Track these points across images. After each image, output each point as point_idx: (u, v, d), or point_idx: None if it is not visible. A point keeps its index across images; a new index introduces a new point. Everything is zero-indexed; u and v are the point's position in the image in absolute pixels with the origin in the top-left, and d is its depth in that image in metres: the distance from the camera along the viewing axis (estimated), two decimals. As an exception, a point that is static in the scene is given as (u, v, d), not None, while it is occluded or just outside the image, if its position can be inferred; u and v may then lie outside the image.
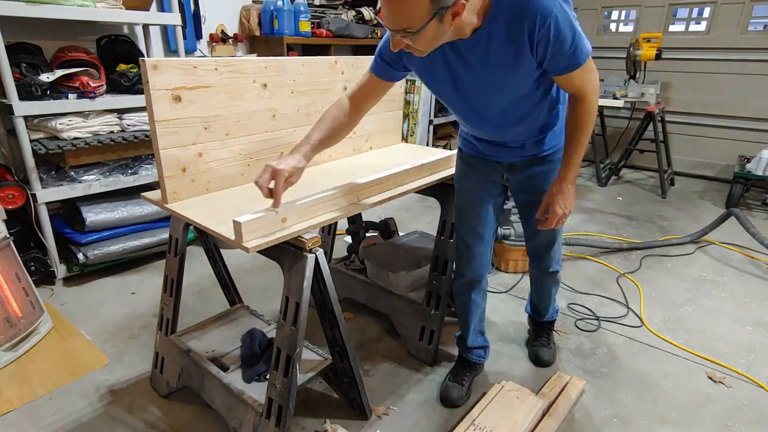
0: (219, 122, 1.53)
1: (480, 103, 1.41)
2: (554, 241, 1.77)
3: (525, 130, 1.50)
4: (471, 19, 1.18)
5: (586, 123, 1.36)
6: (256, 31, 3.72)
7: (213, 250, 1.98)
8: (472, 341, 1.91)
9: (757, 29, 4.55)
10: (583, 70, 1.25)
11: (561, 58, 1.22)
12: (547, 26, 1.15)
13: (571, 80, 1.28)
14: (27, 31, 2.55)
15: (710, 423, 1.76)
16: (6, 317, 2.00)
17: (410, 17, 1.09)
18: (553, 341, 2.12)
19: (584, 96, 1.32)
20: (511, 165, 1.60)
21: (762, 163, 3.91)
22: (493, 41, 1.22)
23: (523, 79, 1.31)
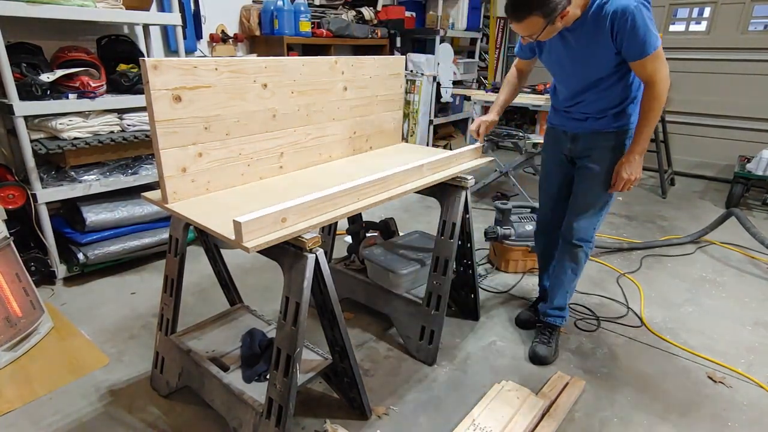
0: (219, 122, 1.53)
1: (570, 72, 1.80)
2: (586, 211, 1.93)
3: (592, 104, 1.81)
4: (575, 13, 1.59)
5: (655, 106, 1.65)
6: (257, 31, 3.72)
7: (213, 250, 1.98)
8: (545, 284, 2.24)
9: (757, 29, 4.55)
10: (653, 59, 1.57)
11: (633, 46, 1.56)
12: (626, 19, 1.51)
13: (643, 67, 1.60)
14: (27, 31, 2.55)
15: (710, 423, 1.76)
16: (6, 317, 2.00)
17: (531, 30, 1.57)
18: (554, 341, 2.11)
19: (654, 83, 1.62)
20: (575, 136, 1.90)
21: (762, 163, 3.91)
22: (586, 28, 1.62)
23: (604, 61, 1.67)
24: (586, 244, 1.98)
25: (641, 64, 1.59)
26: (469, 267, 2.24)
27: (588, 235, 1.97)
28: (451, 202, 1.94)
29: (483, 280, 2.75)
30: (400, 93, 2.26)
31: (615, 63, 1.67)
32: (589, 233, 1.97)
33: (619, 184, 1.79)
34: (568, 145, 1.94)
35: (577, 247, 1.98)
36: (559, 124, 1.96)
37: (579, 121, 1.87)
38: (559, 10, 1.50)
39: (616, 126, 1.81)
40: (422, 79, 4.56)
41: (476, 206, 3.93)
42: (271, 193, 1.59)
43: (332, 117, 1.94)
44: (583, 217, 1.94)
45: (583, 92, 1.80)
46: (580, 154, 1.91)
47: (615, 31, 1.56)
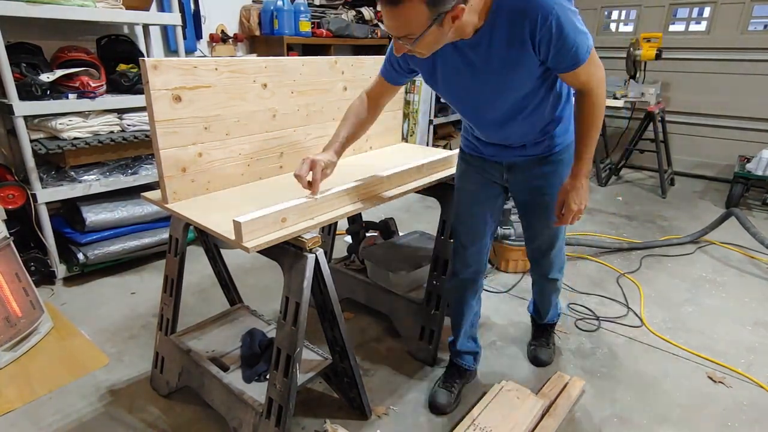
0: (219, 122, 1.53)
1: (482, 102, 1.42)
2: (553, 245, 1.74)
3: (527, 131, 1.49)
4: (472, 20, 1.19)
5: (594, 117, 1.36)
6: (256, 31, 3.71)
7: (213, 250, 1.98)
8: (461, 345, 1.86)
9: (757, 29, 4.55)
10: (588, 65, 1.25)
11: (564, 56, 1.22)
12: (548, 25, 1.16)
13: (576, 76, 1.28)
14: (27, 31, 2.55)
15: (710, 423, 1.76)
16: (6, 317, 2.00)
17: (410, 25, 1.12)
18: (553, 342, 2.12)
19: (590, 90, 1.32)
20: (511, 165, 1.59)
21: (762, 163, 3.91)
22: (495, 40, 1.23)
23: (526, 77, 1.31)
24: (563, 269, 1.87)
25: (574, 74, 1.26)
26: (469, 267, 2.23)
27: (562, 262, 1.84)
28: (451, 202, 1.94)
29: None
30: (400, 93, 2.25)
31: (538, 76, 1.32)
32: (562, 260, 1.84)
33: (567, 217, 1.47)
34: (504, 175, 1.62)
35: (557, 279, 1.88)
36: (489, 154, 1.60)
37: (516, 149, 1.54)
38: (450, 3, 1.09)
39: (559, 145, 1.53)
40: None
41: (476, 206, 3.93)
42: (271, 193, 1.59)
43: (332, 117, 1.94)
44: (552, 251, 1.76)
45: (507, 121, 1.44)
46: (522, 187, 1.62)
47: (537, 41, 1.19)
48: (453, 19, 1.14)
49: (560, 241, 1.76)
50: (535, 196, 1.61)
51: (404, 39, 1.17)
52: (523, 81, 1.33)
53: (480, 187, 1.67)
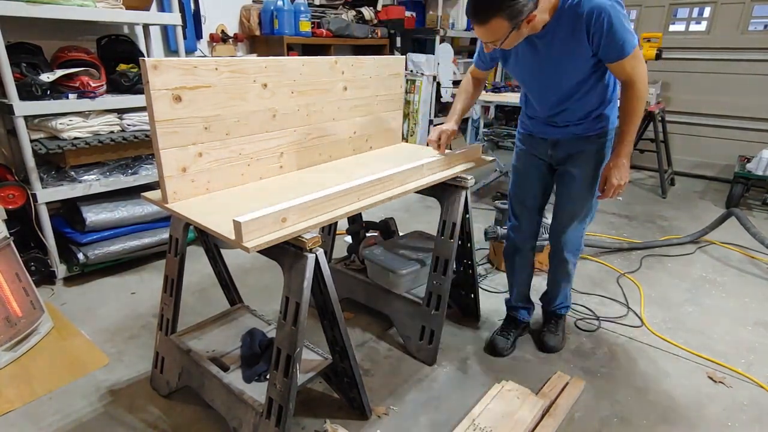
0: (219, 122, 1.53)
1: (545, 84, 1.70)
2: (573, 221, 1.90)
3: (576, 111, 1.73)
4: (543, 17, 1.49)
5: (636, 106, 1.59)
6: (257, 30, 3.72)
7: (213, 250, 1.98)
8: (515, 301, 2.17)
9: (757, 29, 4.55)
10: (632, 58, 1.50)
11: (612, 48, 1.48)
12: (602, 20, 1.43)
13: (622, 68, 1.53)
14: (27, 31, 2.55)
15: (710, 423, 1.76)
16: (6, 317, 2.00)
17: (496, 35, 1.46)
18: (562, 330, 2.17)
19: (634, 83, 1.56)
20: (555, 141, 1.82)
21: (762, 163, 3.91)
22: (558, 33, 1.52)
23: (581, 65, 1.58)
24: (576, 254, 1.99)
25: (620, 65, 1.53)
26: (469, 267, 2.24)
27: (576, 245, 1.97)
28: (451, 202, 1.94)
29: (483, 280, 2.75)
30: (400, 93, 2.26)
31: (591, 65, 1.59)
32: (578, 244, 1.96)
33: (609, 191, 1.71)
34: (548, 151, 1.86)
35: (566, 262, 1.99)
36: (538, 132, 1.86)
37: (559, 128, 1.79)
38: (526, 13, 1.40)
39: (597, 129, 1.75)
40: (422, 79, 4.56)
41: (476, 206, 3.93)
42: (271, 193, 1.59)
43: (332, 117, 1.94)
44: (570, 227, 1.91)
45: (561, 102, 1.71)
46: (562, 160, 1.84)
47: (591, 33, 1.47)
48: (528, 22, 1.45)
49: (580, 222, 1.91)
50: (568, 168, 1.83)
51: (491, 43, 1.50)
52: (578, 68, 1.59)
53: (529, 164, 1.94)
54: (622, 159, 1.67)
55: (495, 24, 1.41)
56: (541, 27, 1.52)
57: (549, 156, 1.86)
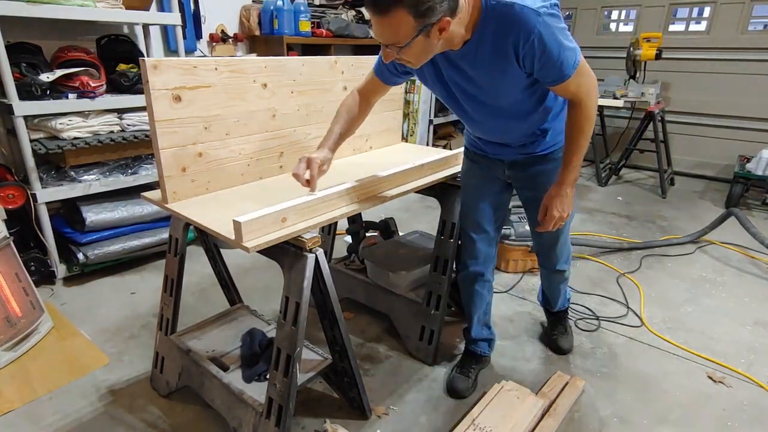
0: (219, 122, 1.53)
1: (475, 108, 1.46)
2: (557, 240, 1.79)
3: (524, 132, 1.54)
4: (459, 31, 1.22)
5: (584, 127, 1.37)
6: (256, 30, 3.71)
7: (213, 250, 1.98)
8: (476, 333, 1.95)
9: (757, 29, 4.55)
10: (575, 77, 1.27)
11: (549, 71, 1.25)
12: (531, 42, 1.18)
13: (565, 88, 1.30)
14: (27, 31, 2.55)
15: (710, 423, 1.76)
16: (6, 317, 2.00)
17: (397, 33, 1.14)
18: (569, 327, 2.18)
19: (580, 101, 1.34)
20: (513, 162, 1.65)
21: (762, 162, 3.91)
22: (481, 51, 1.26)
23: (514, 86, 1.35)
24: (569, 261, 1.93)
25: (562, 86, 1.29)
26: (469, 267, 2.23)
27: (567, 255, 1.90)
28: (451, 202, 1.94)
29: (483, 280, 2.75)
30: (400, 93, 2.26)
31: (528, 84, 1.35)
32: (567, 253, 1.89)
33: (548, 223, 1.51)
34: (505, 171, 1.68)
35: (563, 271, 1.93)
36: (491, 152, 1.66)
37: (515, 148, 1.59)
38: (437, 15, 1.10)
39: (555, 145, 1.58)
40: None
41: (476, 206, 3.93)
42: (271, 193, 1.59)
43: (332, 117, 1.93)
44: (556, 245, 1.81)
45: (501, 125, 1.50)
46: (523, 184, 1.68)
47: (521, 57, 1.22)
48: (440, 31, 1.16)
49: (564, 235, 1.81)
50: (537, 192, 1.61)
51: (392, 47, 1.19)
52: (511, 90, 1.36)
53: (484, 182, 1.74)
54: (566, 188, 1.46)
55: (396, 17, 1.10)
56: (460, 43, 1.26)
57: (507, 176, 1.70)
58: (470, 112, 1.49)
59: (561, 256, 1.86)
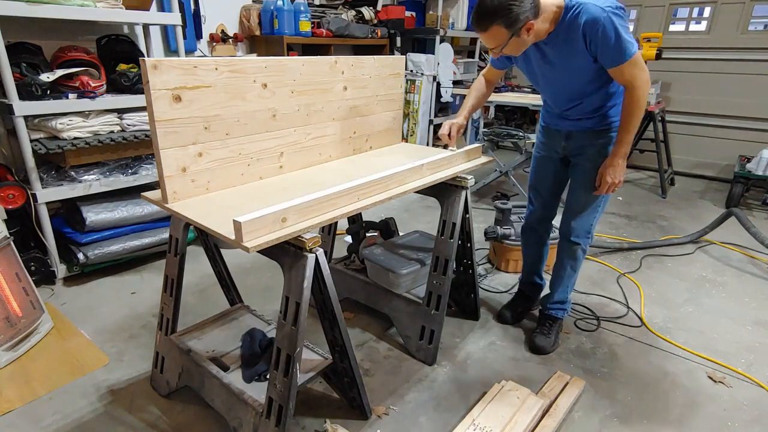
0: (219, 122, 1.53)
1: (554, 85, 1.85)
2: (583, 209, 1.98)
3: (584, 107, 1.84)
4: (544, 27, 1.61)
5: (635, 111, 1.67)
6: (256, 30, 3.72)
7: (213, 250, 1.98)
8: (526, 274, 2.36)
9: (757, 29, 4.55)
10: (630, 65, 1.59)
11: (608, 54, 1.59)
12: (596, 29, 1.55)
13: (621, 73, 1.62)
14: (27, 31, 2.55)
15: (710, 423, 1.76)
16: (6, 317, 2.00)
17: (496, 41, 1.59)
18: (555, 333, 2.17)
19: (633, 89, 1.64)
20: (569, 134, 1.94)
21: (762, 162, 3.91)
22: (561, 40, 1.64)
23: (585, 69, 1.69)
24: (584, 241, 2.04)
25: (618, 70, 1.62)
26: (469, 267, 2.24)
27: (585, 232, 2.02)
28: (451, 202, 1.94)
29: (483, 280, 2.75)
30: (400, 93, 2.26)
31: (595, 70, 1.69)
32: (587, 230, 2.02)
33: (603, 188, 1.83)
34: (562, 143, 1.97)
35: (575, 245, 2.05)
36: (553, 124, 1.99)
37: (573, 121, 1.91)
38: (522, 21, 1.52)
39: (607, 123, 1.85)
40: (422, 79, 4.56)
41: (476, 206, 3.93)
42: (271, 193, 1.59)
43: (332, 117, 1.94)
44: (580, 215, 1.99)
45: (571, 99, 1.84)
46: (575, 152, 1.95)
47: (588, 41, 1.58)
48: (527, 31, 1.56)
49: (590, 211, 1.98)
50: (581, 160, 1.93)
51: (494, 49, 1.62)
52: (583, 72, 1.71)
53: (547, 155, 2.07)
54: (618, 159, 1.77)
55: (494, 31, 1.54)
56: (545, 35, 1.64)
57: (563, 147, 1.98)
58: (543, 84, 1.88)
59: (578, 228, 2.01)
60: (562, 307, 2.19)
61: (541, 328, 2.17)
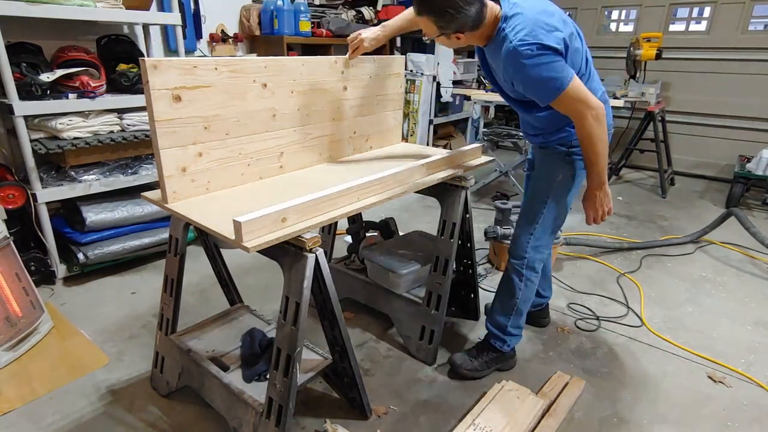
0: (219, 122, 1.53)
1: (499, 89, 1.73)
2: (521, 226, 1.84)
3: (535, 123, 1.73)
4: (474, 41, 1.56)
5: (589, 144, 1.53)
6: (256, 30, 3.72)
7: (213, 250, 1.98)
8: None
9: (757, 29, 4.55)
10: (562, 101, 1.45)
11: (533, 94, 1.51)
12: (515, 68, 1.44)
13: (558, 107, 1.50)
14: (27, 31, 2.55)
15: (710, 423, 1.76)
16: (6, 317, 2.00)
17: (426, 29, 1.53)
18: (483, 361, 1.93)
19: (577, 120, 1.50)
20: (534, 146, 1.89)
21: (762, 162, 3.91)
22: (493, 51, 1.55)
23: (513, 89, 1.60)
24: (518, 264, 1.83)
25: (554, 105, 1.48)
26: (469, 267, 2.24)
27: (521, 250, 1.82)
28: (451, 202, 1.94)
29: (483, 280, 2.75)
30: (400, 93, 2.26)
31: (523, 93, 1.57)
32: (522, 249, 1.81)
33: (589, 220, 1.71)
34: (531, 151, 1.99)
35: (510, 266, 1.86)
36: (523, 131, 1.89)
37: (530, 135, 1.82)
38: (452, 29, 1.46)
39: (553, 142, 1.71)
40: (422, 79, 4.56)
41: (476, 206, 3.93)
42: (271, 193, 1.59)
43: (332, 117, 1.94)
44: (518, 230, 1.85)
45: (517, 109, 1.74)
46: (533, 164, 1.91)
47: (510, 78, 1.50)
48: (457, 38, 1.51)
49: (526, 226, 1.82)
50: (535, 174, 1.86)
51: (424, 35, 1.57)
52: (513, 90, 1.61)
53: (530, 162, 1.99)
54: (593, 191, 1.65)
55: (424, 21, 1.49)
56: (485, 42, 1.56)
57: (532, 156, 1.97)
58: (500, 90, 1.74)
59: (516, 247, 1.83)
60: (500, 335, 1.91)
61: (471, 349, 1.98)
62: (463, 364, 1.92)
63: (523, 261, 1.82)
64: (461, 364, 1.92)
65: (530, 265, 1.83)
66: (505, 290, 1.90)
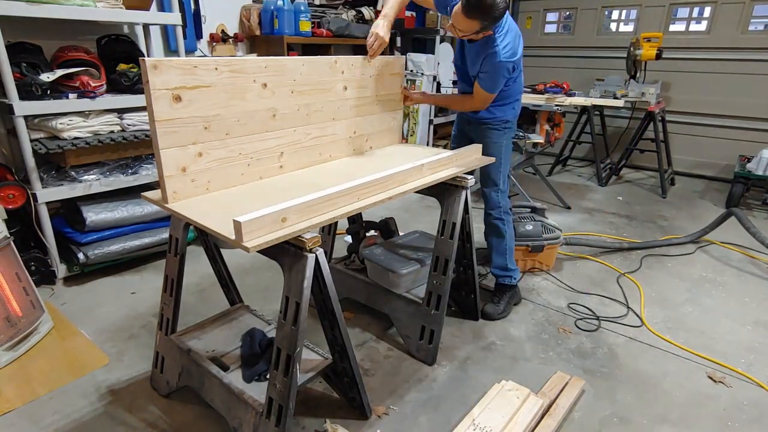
0: (219, 122, 1.53)
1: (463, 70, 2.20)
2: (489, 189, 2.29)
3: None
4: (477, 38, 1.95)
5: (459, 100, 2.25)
6: (257, 30, 3.71)
7: (213, 250, 1.98)
8: None
9: (757, 29, 4.55)
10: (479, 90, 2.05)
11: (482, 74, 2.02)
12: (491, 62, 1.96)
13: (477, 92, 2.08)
14: (27, 31, 2.55)
15: (710, 423, 1.76)
16: (6, 317, 2.00)
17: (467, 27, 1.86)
18: (505, 301, 2.38)
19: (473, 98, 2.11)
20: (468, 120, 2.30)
21: (762, 162, 3.91)
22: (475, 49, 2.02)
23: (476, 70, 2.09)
24: (496, 211, 2.31)
25: (475, 84, 2.06)
26: (469, 267, 2.24)
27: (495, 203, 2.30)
28: (451, 202, 1.94)
29: (483, 280, 2.75)
30: (400, 93, 2.26)
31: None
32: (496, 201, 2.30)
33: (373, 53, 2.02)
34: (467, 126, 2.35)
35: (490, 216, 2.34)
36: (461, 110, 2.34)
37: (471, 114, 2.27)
38: (487, 29, 1.88)
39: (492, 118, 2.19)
40: (422, 79, 4.55)
41: (476, 206, 3.93)
42: (271, 193, 1.59)
43: (332, 117, 1.94)
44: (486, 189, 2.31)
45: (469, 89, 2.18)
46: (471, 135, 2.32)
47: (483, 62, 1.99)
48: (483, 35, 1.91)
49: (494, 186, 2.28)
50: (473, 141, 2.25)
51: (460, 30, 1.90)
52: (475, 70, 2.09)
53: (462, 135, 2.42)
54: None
55: (473, 23, 1.83)
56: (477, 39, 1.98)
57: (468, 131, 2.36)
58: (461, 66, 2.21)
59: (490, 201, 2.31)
60: (505, 273, 2.38)
61: (493, 298, 2.39)
62: (495, 312, 2.35)
63: (500, 209, 2.31)
64: (493, 312, 2.35)
65: (505, 210, 2.33)
66: (494, 238, 2.37)
